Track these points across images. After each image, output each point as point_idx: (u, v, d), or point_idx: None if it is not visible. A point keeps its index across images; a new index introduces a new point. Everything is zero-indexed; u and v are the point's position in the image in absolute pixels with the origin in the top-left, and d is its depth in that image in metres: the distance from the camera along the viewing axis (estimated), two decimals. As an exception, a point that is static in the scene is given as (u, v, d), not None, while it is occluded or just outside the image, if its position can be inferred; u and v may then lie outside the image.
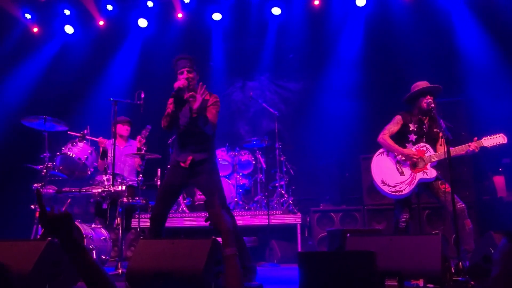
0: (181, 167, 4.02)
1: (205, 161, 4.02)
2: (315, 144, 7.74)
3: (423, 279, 2.98)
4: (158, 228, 4.07)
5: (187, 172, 4.03)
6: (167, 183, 4.10)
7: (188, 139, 4.04)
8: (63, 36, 8.56)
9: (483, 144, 4.25)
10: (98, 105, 7.54)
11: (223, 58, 8.70)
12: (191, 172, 4.02)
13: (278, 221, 6.29)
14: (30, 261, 3.46)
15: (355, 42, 7.96)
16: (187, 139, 4.05)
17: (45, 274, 3.52)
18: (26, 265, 3.41)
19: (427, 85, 4.40)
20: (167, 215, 4.11)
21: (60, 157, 4.92)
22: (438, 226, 6.02)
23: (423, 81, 4.47)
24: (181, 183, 4.08)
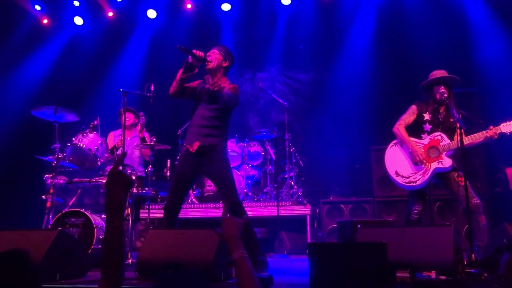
0: (190, 154, 3.93)
1: (213, 148, 3.90)
2: (325, 135, 7.69)
3: (435, 270, 2.94)
4: (171, 218, 4.02)
5: (196, 161, 3.93)
6: (177, 172, 4.02)
7: (199, 121, 3.93)
8: (72, 27, 8.57)
9: (501, 130, 4.16)
10: (107, 96, 7.56)
11: (232, 49, 8.52)
12: (201, 160, 3.92)
13: (287, 212, 6.28)
14: (40, 251, 3.48)
15: (366, 32, 7.86)
16: (198, 121, 3.94)
17: (55, 264, 3.55)
18: (37, 255, 3.43)
19: (444, 75, 4.32)
20: (180, 205, 4.05)
21: (71, 148, 4.93)
22: (449, 218, 5.97)
23: (441, 70, 4.38)
24: (192, 172, 3.97)
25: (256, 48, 8.56)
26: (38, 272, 1.73)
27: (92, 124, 5.01)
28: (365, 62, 7.76)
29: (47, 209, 4.75)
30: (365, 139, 7.12)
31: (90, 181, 4.93)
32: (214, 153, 3.91)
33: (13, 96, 7.76)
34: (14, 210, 7.09)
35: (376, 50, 7.73)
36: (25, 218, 6.54)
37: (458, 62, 6.81)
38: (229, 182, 3.90)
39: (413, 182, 4.24)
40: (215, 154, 3.91)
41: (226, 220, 2.01)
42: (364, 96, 7.55)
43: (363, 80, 7.67)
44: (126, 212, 4.74)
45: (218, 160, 3.91)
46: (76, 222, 4.69)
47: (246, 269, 1.85)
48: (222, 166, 3.92)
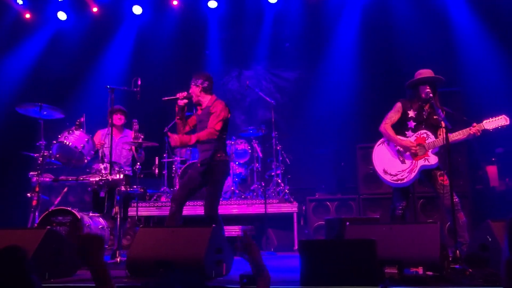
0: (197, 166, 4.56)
1: (206, 161, 4.43)
2: (311, 133, 7.76)
3: (422, 266, 3.01)
4: (176, 211, 4.38)
5: (201, 170, 4.47)
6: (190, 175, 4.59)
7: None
8: (56, 22, 8.44)
9: (484, 127, 4.23)
10: (94, 92, 7.48)
11: (219, 46, 8.65)
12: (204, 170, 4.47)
13: (274, 210, 6.32)
14: (29, 249, 3.43)
15: (351, 31, 7.95)
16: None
17: (44, 263, 3.52)
18: (26, 254, 3.40)
19: (430, 75, 4.40)
20: (184, 202, 4.50)
21: (57, 145, 4.86)
22: (432, 215, 6.09)
23: (427, 69, 4.46)
24: (200, 180, 4.50)
25: (243, 46, 8.58)
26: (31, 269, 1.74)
27: (79, 121, 4.96)
28: (351, 61, 7.85)
29: (33, 207, 4.69)
30: (351, 137, 7.21)
31: (77, 179, 4.89)
32: (211, 165, 4.43)
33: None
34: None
35: (361, 49, 7.82)
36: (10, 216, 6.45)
37: (442, 61, 6.94)
38: (213, 196, 4.44)
39: (401, 179, 4.32)
40: (212, 166, 4.43)
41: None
42: (349, 94, 7.64)
43: (349, 79, 7.76)
44: (114, 211, 4.72)
45: (214, 173, 4.44)
46: (64, 221, 4.65)
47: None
48: (215, 180, 4.45)
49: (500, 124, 4.23)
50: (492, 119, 4.26)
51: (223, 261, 3.69)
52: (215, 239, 3.61)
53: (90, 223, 4.75)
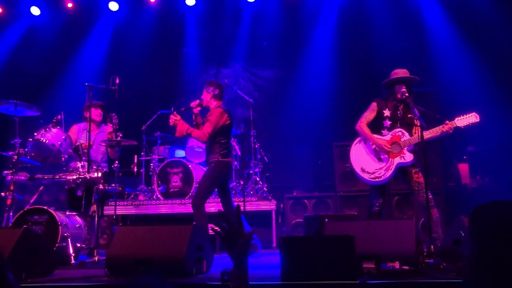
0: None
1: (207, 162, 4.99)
2: (289, 132, 7.83)
3: (399, 261, 3.11)
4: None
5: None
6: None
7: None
8: (29, 17, 8.23)
9: (456, 124, 4.37)
10: (71, 89, 7.34)
11: (197, 44, 8.62)
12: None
13: (253, 207, 6.36)
14: (5, 249, 3.39)
15: (329, 31, 8.05)
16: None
17: (21, 263, 3.46)
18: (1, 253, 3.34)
19: (405, 75, 4.52)
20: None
21: (32, 143, 4.77)
22: (407, 212, 6.25)
23: (402, 69, 4.58)
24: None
25: (221, 44, 8.58)
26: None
27: (56, 119, 4.87)
28: (328, 60, 7.95)
29: (7, 206, 4.59)
30: (328, 136, 7.32)
31: (54, 178, 4.81)
32: (207, 165, 4.99)
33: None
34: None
35: (338, 49, 7.93)
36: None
37: (416, 61, 7.12)
38: (199, 185, 4.97)
39: (378, 177, 4.43)
40: (207, 166, 4.99)
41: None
42: (327, 93, 7.75)
43: (326, 78, 7.86)
44: (92, 209, 4.67)
45: (206, 171, 5.00)
46: (39, 220, 4.56)
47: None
48: (203, 176, 5.02)
49: (471, 121, 4.38)
50: (463, 117, 4.40)
51: (204, 258, 3.71)
52: (196, 236, 3.63)
53: (67, 222, 4.67)
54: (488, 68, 6.84)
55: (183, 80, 8.53)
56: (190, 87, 8.53)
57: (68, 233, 4.57)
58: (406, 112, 4.52)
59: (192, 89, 8.54)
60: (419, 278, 3.00)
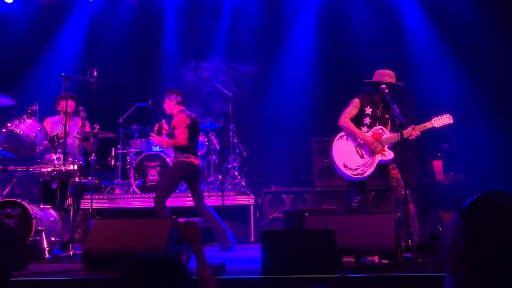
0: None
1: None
2: (267, 126, 7.83)
3: (378, 255, 3.15)
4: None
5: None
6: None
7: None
8: (1, 5, 7.96)
9: (433, 125, 4.52)
10: (46, 80, 7.13)
11: (176, 37, 8.51)
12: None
13: (231, 202, 6.34)
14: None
15: (309, 27, 8.08)
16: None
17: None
18: (-27, 247, 3.23)
19: (391, 78, 4.56)
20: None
21: (5, 134, 4.60)
22: (383, 207, 6.35)
23: (388, 71, 4.62)
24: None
25: (200, 37, 8.49)
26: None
27: (30, 109, 4.72)
28: (307, 56, 7.98)
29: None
30: (306, 131, 7.36)
31: (28, 170, 4.66)
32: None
33: None
34: None
35: (317, 45, 7.97)
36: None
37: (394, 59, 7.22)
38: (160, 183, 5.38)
39: (361, 174, 4.47)
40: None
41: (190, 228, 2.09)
42: (306, 89, 7.78)
43: (305, 73, 7.89)
44: (68, 202, 4.57)
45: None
46: (12, 213, 4.42)
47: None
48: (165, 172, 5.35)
49: (445, 122, 4.54)
50: (439, 118, 4.54)
51: (183, 252, 3.67)
52: (175, 230, 3.59)
53: (41, 215, 4.55)
54: (464, 67, 7.00)
55: (161, 73, 8.42)
56: (168, 80, 8.42)
57: (42, 227, 4.45)
58: (384, 111, 4.62)
59: (170, 82, 8.45)
60: (397, 272, 3.05)
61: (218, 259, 3.97)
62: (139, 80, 8.32)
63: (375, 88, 4.58)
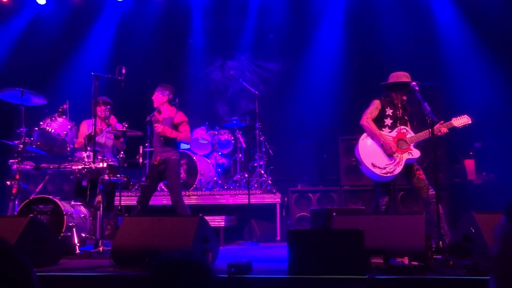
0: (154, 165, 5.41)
1: (168, 159, 5.32)
2: (294, 125, 7.78)
3: (408, 256, 3.07)
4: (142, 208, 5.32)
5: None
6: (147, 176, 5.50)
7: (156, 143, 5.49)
8: (34, 6, 8.19)
9: (453, 124, 4.49)
10: (76, 79, 7.30)
11: (203, 35, 8.56)
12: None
13: (257, 200, 6.34)
14: (12, 238, 3.37)
15: (336, 24, 7.98)
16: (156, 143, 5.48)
17: (27, 251, 3.45)
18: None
19: (408, 79, 4.51)
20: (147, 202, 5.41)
21: (38, 132, 4.73)
22: (412, 207, 6.22)
23: (404, 73, 4.58)
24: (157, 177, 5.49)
25: (227, 36, 8.51)
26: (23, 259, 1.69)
27: (62, 108, 4.83)
28: (334, 53, 7.89)
29: (13, 195, 4.56)
30: (333, 129, 7.27)
31: (59, 167, 4.78)
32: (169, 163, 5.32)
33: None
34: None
35: (345, 42, 7.87)
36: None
37: (424, 56, 7.07)
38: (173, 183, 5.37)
39: (390, 172, 4.39)
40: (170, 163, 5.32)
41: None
42: (332, 86, 7.69)
43: (332, 71, 7.80)
44: (97, 200, 4.65)
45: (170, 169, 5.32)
46: (45, 209, 4.55)
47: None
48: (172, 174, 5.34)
49: (464, 123, 4.51)
50: (459, 118, 4.53)
51: (210, 250, 3.69)
52: (202, 228, 3.61)
53: (72, 212, 4.66)
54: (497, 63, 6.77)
55: (188, 71, 8.49)
56: (195, 79, 8.49)
57: (73, 223, 4.56)
58: (404, 112, 4.63)
59: (197, 81, 8.51)
60: (428, 274, 2.97)
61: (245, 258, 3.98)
62: (166, 79, 8.34)
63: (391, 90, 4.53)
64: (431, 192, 4.30)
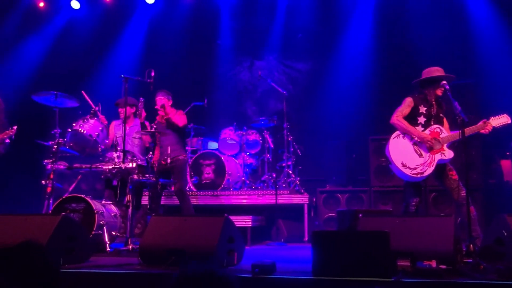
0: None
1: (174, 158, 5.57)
2: (322, 124, 7.72)
3: (435, 259, 3.00)
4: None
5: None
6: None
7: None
8: (69, 11, 8.47)
9: (492, 124, 4.34)
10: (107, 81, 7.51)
11: (231, 36, 8.62)
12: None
13: (285, 201, 6.33)
14: (45, 235, 3.50)
15: (365, 22, 7.86)
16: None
17: (59, 248, 3.56)
18: (41, 239, 3.44)
19: (441, 73, 4.38)
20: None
21: (71, 134, 4.90)
22: (444, 209, 6.05)
23: (436, 67, 4.45)
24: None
25: (255, 36, 8.53)
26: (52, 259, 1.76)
27: (93, 110, 4.99)
28: (364, 52, 7.78)
29: (48, 194, 4.72)
30: (363, 129, 7.17)
31: (91, 167, 4.92)
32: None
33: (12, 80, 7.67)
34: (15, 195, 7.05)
35: (375, 41, 7.74)
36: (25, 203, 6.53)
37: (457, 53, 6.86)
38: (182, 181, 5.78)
39: (421, 173, 4.29)
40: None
41: None
42: (362, 86, 7.58)
43: (361, 70, 7.69)
44: (127, 199, 4.76)
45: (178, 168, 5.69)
46: (77, 208, 4.69)
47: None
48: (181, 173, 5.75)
49: (503, 122, 4.36)
50: (497, 117, 4.38)
51: (235, 250, 3.70)
52: (227, 228, 3.63)
53: (103, 211, 4.79)
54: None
55: (217, 72, 8.57)
56: (223, 80, 8.55)
57: (104, 221, 4.69)
58: (439, 110, 4.49)
59: (225, 82, 8.57)
60: (457, 278, 2.88)
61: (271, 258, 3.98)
62: (195, 80, 8.50)
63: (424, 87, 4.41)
64: (462, 193, 4.17)
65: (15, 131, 5.22)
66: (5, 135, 5.22)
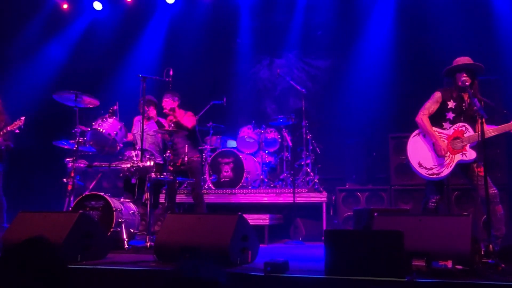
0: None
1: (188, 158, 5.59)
2: (342, 122, 7.65)
3: (451, 260, 2.92)
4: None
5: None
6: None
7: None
8: (92, 12, 8.65)
9: None
10: (127, 81, 7.63)
11: (250, 35, 8.62)
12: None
13: (303, 199, 6.29)
14: (63, 232, 3.58)
15: (385, 18, 7.74)
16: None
17: (77, 245, 3.64)
18: (59, 236, 3.53)
19: (467, 62, 4.23)
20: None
21: (91, 132, 5.00)
22: (467, 208, 5.90)
23: (465, 57, 4.28)
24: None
25: (274, 34, 8.51)
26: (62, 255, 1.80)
27: (112, 109, 5.06)
28: (384, 49, 7.66)
29: (68, 192, 4.83)
30: (383, 127, 7.06)
31: (110, 166, 5.01)
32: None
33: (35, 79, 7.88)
34: (36, 192, 7.26)
35: (395, 37, 7.61)
36: (46, 201, 6.70)
37: (480, 48, 6.66)
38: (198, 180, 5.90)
39: (437, 174, 4.18)
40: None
41: None
42: (382, 83, 7.47)
43: (382, 67, 7.57)
44: (145, 197, 4.82)
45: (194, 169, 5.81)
46: (96, 205, 4.79)
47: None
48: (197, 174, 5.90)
49: None
50: None
51: (249, 248, 3.70)
52: (241, 226, 3.63)
53: (122, 208, 4.87)
54: None
55: (236, 71, 8.59)
56: (243, 78, 8.56)
57: (122, 219, 4.76)
58: (471, 105, 4.21)
59: (245, 80, 8.58)
60: (473, 279, 2.80)
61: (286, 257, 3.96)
62: (214, 79, 8.55)
63: (453, 78, 4.26)
64: (492, 191, 4.00)
65: (23, 121, 5.42)
66: (14, 126, 5.44)
